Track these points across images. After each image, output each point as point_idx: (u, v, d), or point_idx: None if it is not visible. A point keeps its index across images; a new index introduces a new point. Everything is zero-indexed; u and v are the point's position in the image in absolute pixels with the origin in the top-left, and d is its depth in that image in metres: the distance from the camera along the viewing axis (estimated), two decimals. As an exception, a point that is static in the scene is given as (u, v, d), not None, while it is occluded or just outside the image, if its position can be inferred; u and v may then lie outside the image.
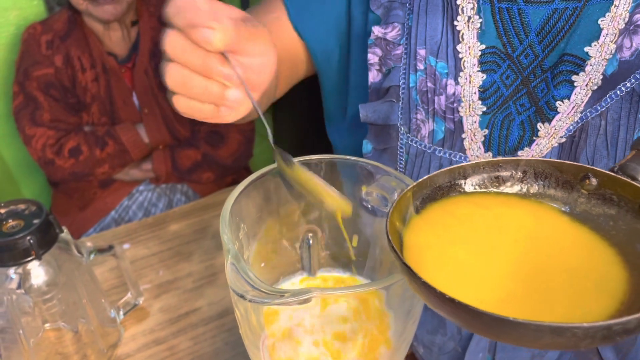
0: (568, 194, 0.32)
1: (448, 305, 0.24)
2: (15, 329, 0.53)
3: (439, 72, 0.48)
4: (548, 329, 0.22)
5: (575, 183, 0.32)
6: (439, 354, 0.57)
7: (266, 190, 0.41)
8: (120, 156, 1.12)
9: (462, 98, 0.48)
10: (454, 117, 0.48)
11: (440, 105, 0.48)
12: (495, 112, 0.48)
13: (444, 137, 0.49)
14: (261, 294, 0.28)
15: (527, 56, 0.47)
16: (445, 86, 0.48)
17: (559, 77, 0.45)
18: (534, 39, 0.46)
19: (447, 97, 0.48)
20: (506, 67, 0.47)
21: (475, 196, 0.32)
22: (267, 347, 0.36)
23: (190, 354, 0.61)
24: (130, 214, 1.19)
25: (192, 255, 0.75)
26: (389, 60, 0.50)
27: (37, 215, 0.52)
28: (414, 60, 0.49)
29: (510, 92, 0.48)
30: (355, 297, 0.37)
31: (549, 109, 0.46)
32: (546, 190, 0.33)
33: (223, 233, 0.33)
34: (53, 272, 0.54)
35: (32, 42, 1.10)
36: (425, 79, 0.48)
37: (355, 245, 0.44)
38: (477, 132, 0.48)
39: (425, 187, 0.33)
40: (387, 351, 0.36)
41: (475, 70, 0.47)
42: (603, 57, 0.44)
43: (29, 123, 1.09)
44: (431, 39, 0.48)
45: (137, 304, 0.65)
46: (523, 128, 0.47)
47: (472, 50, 0.47)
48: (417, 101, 0.49)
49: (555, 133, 0.46)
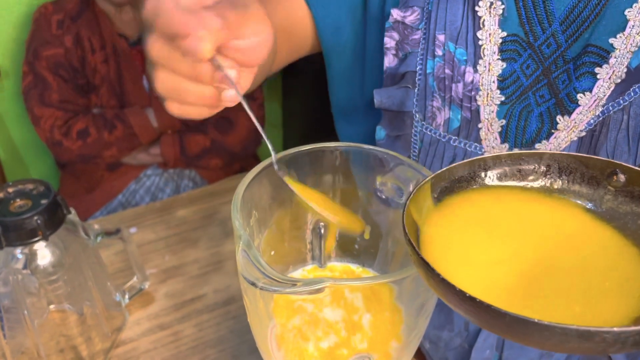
0: (594, 191, 0.31)
1: (467, 304, 0.23)
2: (20, 309, 0.52)
3: (457, 59, 0.47)
4: (575, 333, 0.21)
5: (602, 179, 0.31)
6: (445, 350, 0.57)
7: (278, 179, 0.40)
8: (128, 140, 1.11)
9: (480, 86, 0.47)
10: (471, 106, 0.47)
11: (458, 93, 0.47)
12: (514, 102, 0.47)
13: (459, 126, 0.48)
14: (273, 282, 0.27)
15: (549, 46, 0.45)
16: (463, 73, 0.47)
17: (582, 68, 0.44)
18: (557, 28, 0.45)
19: (464, 84, 0.47)
20: (527, 56, 0.46)
21: (496, 190, 0.31)
22: (275, 336, 0.35)
23: (194, 340, 0.61)
24: (137, 198, 1.18)
25: (198, 242, 0.75)
26: (406, 45, 0.49)
27: (45, 195, 0.52)
28: (432, 46, 0.47)
29: (530, 83, 0.46)
30: (367, 289, 0.36)
31: (570, 101, 0.45)
32: (570, 186, 0.32)
33: (235, 219, 0.32)
34: (59, 253, 0.53)
35: (42, 21, 1.10)
36: (443, 65, 0.47)
37: (368, 237, 0.43)
38: (494, 122, 0.47)
39: (444, 179, 0.31)
40: (398, 345, 0.35)
41: (495, 59, 0.46)
42: (628, 50, 0.42)
43: (37, 103, 1.08)
44: (451, 24, 0.47)
45: (143, 289, 0.65)
46: (542, 120, 0.46)
47: (492, 37, 0.46)
48: (433, 88, 0.48)
49: (575, 126, 0.44)
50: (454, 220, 0.30)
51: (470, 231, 0.30)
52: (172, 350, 0.60)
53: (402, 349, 0.36)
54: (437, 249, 0.29)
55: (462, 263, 0.28)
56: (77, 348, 0.57)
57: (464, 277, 0.27)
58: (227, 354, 0.59)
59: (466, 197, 0.32)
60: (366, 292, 0.36)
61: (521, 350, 0.51)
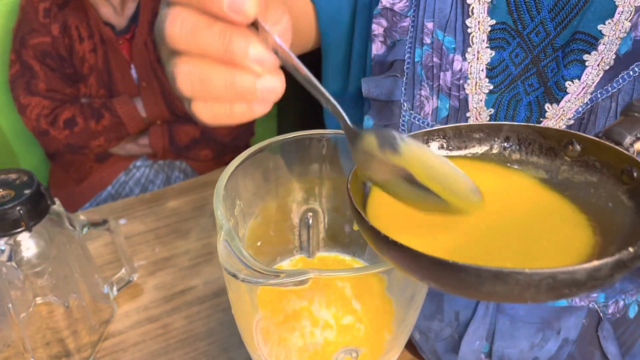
0: (551, 161, 0.31)
1: (391, 249, 0.24)
2: (5, 302, 0.51)
3: (446, 47, 0.46)
4: (488, 274, 0.21)
5: (559, 150, 0.31)
6: (435, 340, 0.56)
7: (265, 166, 0.39)
8: (116, 129, 1.10)
9: (468, 75, 0.46)
10: (460, 95, 0.47)
11: (446, 81, 0.47)
12: (503, 91, 0.46)
13: (448, 115, 0.47)
14: (255, 274, 0.26)
15: (538, 34, 0.45)
16: (451, 62, 0.46)
17: (570, 56, 0.44)
18: (546, 16, 0.45)
19: (453, 73, 0.46)
20: (516, 44, 0.46)
21: (453, 160, 0.30)
22: (260, 329, 0.34)
23: (184, 333, 0.60)
24: (127, 190, 1.17)
25: (189, 233, 0.74)
26: (395, 33, 0.48)
27: (28, 185, 0.50)
28: (420, 34, 0.47)
29: (519, 71, 0.46)
30: (354, 279, 0.35)
31: (558, 89, 0.44)
32: (529, 157, 0.32)
33: (217, 208, 0.31)
34: (44, 245, 0.52)
35: (29, 9, 1.08)
36: (432, 53, 0.47)
37: (356, 228, 0.42)
38: (482, 111, 0.46)
39: None
40: (388, 337, 0.35)
41: (484, 47, 0.46)
42: (617, 36, 0.42)
43: (23, 92, 1.07)
44: (440, 11, 0.46)
45: (131, 280, 0.64)
46: (530, 109, 0.46)
47: (481, 25, 0.46)
48: (422, 77, 0.47)
49: (563, 114, 0.44)
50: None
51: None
52: (161, 343, 0.59)
53: (392, 340, 0.35)
54: (380, 208, 0.29)
55: (398, 220, 0.28)
56: (64, 341, 0.57)
57: (395, 230, 0.26)
58: (216, 346, 0.59)
59: None
60: (355, 283, 0.36)
61: (512, 340, 0.51)
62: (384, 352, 0.35)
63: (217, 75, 0.27)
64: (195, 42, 0.26)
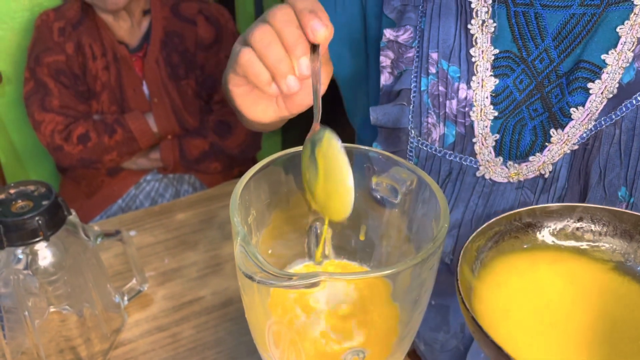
0: (628, 243, 0.32)
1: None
2: (21, 310, 0.53)
3: (450, 76, 0.48)
4: None
5: (636, 233, 0.32)
6: (440, 352, 0.57)
7: (276, 178, 0.41)
8: (128, 144, 1.12)
9: (473, 102, 0.48)
10: (465, 122, 0.48)
11: (452, 109, 0.48)
12: (508, 116, 0.48)
13: (454, 141, 0.49)
14: (269, 276, 0.28)
15: (542, 61, 0.47)
16: (457, 90, 0.48)
17: (574, 83, 0.45)
18: (550, 44, 0.46)
19: (458, 101, 0.48)
20: (520, 71, 0.47)
21: (532, 252, 0.32)
22: (272, 332, 0.36)
23: (192, 342, 0.61)
24: (137, 203, 1.19)
25: (197, 245, 0.75)
26: (401, 63, 0.50)
27: (46, 196, 0.52)
28: (425, 64, 0.49)
29: (523, 97, 0.47)
30: (362, 283, 0.37)
31: (563, 115, 0.45)
32: (603, 237, 0.33)
33: (233, 216, 0.33)
34: (60, 254, 0.54)
35: (44, 28, 1.11)
36: (437, 82, 0.48)
37: (363, 238, 0.44)
38: (488, 136, 0.48)
39: (486, 236, 0.33)
40: (394, 339, 0.36)
41: (488, 75, 0.47)
42: (620, 66, 0.43)
43: (38, 109, 1.09)
44: (444, 42, 0.48)
45: (142, 290, 0.65)
46: (535, 133, 0.47)
47: (485, 54, 0.47)
48: (428, 105, 0.49)
49: (568, 140, 0.45)
50: (501, 285, 0.32)
51: (517, 297, 0.31)
52: (170, 352, 0.60)
53: (397, 343, 0.36)
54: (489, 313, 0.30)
55: (516, 329, 0.29)
56: (77, 349, 0.58)
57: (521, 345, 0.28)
58: (224, 355, 0.60)
59: (507, 261, 0.33)
60: (361, 287, 0.37)
61: None
62: (389, 353, 0.36)
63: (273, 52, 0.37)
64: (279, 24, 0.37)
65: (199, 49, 1.16)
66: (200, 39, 1.16)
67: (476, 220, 0.49)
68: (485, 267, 0.32)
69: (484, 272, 0.32)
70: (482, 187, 0.49)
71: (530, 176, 0.47)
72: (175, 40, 1.15)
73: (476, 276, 0.32)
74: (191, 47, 1.16)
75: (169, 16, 1.15)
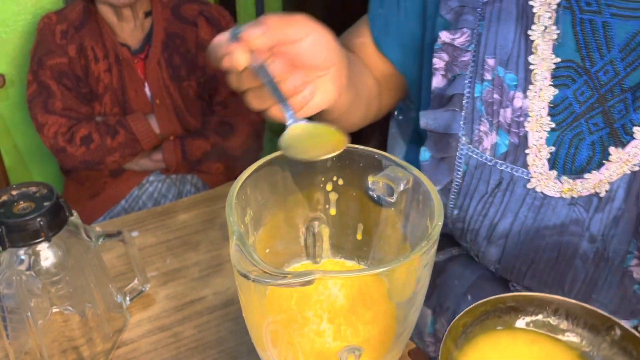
0: (594, 337, 0.36)
1: None
2: (24, 310, 0.53)
3: (507, 84, 0.46)
4: None
5: (602, 330, 0.35)
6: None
7: (273, 178, 0.41)
8: (131, 145, 1.13)
9: (529, 112, 0.46)
10: (519, 132, 0.46)
11: (506, 118, 0.46)
12: (565, 129, 0.46)
13: (507, 150, 0.47)
14: (264, 275, 0.28)
15: (606, 73, 0.44)
16: (512, 99, 0.46)
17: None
18: (616, 55, 0.44)
19: (513, 110, 0.46)
20: (582, 82, 0.45)
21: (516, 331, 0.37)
22: (269, 331, 0.36)
23: (194, 342, 0.62)
24: (140, 204, 1.20)
25: (199, 245, 0.76)
26: (455, 67, 0.48)
27: (47, 198, 0.53)
28: (481, 70, 0.47)
29: (583, 110, 0.45)
30: (357, 281, 0.37)
31: (625, 132, 0.43)
32: (574, 328, 0.37)
33: (229, 215, 0.33)
34: (62, 255, 0.54)
35: (47, 31, 1.12)
36: (492, 89, 0.46)
37: (360, 237, 0.44)
38: (542, 148, 0.46)
39: (472, 315, 0.37)
40: (390, 336, 0.36)
41: (547, 84, 0.45)
42: None
43: (41, 111, 1.10)
44: (502, 48, 0.46)
45: (144, 291, 0.66)
46: (593, 149, 0.45)
47: (545, 62, 0.45)
48: (481, 112, 0.47)
49: (628, 160, 0.43)
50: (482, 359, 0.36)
51: None
52: (172, 351, 0.61)
53: (393, 341, 0.37)
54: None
55: None
56: (79, 349, 0.58)
57: None
58: (226, 354, 0.60)
59: (489, 338, 0.37)
60: (357, 285, 0.37)
61: None
62: (386, 351, 0.37)
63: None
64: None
65: (200, 50, 1.17)
66: (201, 40, 1.16)
67: (525, 232, 0.48)
68: (469, 342, 0.36)
69: (467, 346, 0.36)
70: (533, 199, 0.47)
71: (584, 194, 0.45)
72: (176, 42, 1.15)
73: (459, 350, 0.36)
74: (192, 48, 1.17)
75: (170, 18, 1.16)
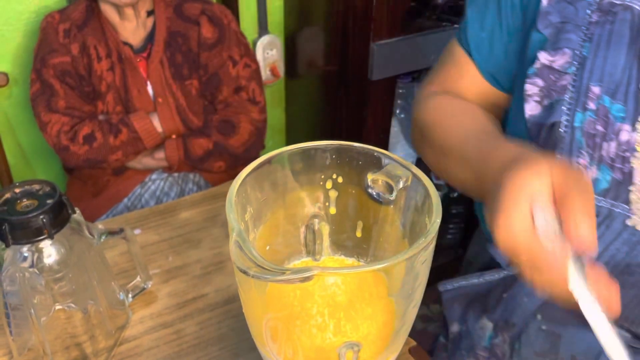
0: None
1: None
2: (27, 307, 0.54)
3: (613, 115, 0.42)
4: None
5: None
6: None
7: (273, 175, 0.41)
8: (133, 144, 1.13)
9: (637, 147, 0.42)
10: (624, 167, 0.42)
11: (609, 152, 0.42)
12: None
13: (608, 187, 0.43)
14: (263, 271, 0.28)
15: None
16: (618, 132, 0.42)
17: None
18: None
19: (618, 144, 0.42)
20: None
21: None
22: (269, 327, 0.37)
23: (196, 339, 0.62)
24: (143, 202, 1.20)
25: (201, 243, 0.76)
26: (553, 92, 0.44)
27: (50, 195, 0.53)
28: (584, 98, 0.43)
29: None
30: (356, 277, 0.37)
31: None
32: None
33: (229, 212, 0.33)
34: (64, 252, 0.55)
35: (50, 30, 1.12)
36: (595, 120, 0.42)
37: (360, 235, 0.44)
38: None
39: None
40: (389, 332, 0.37)
41: None
42: None
43: (44, 110, 1.11)
44: (610, 76, 0.42)
45: (146, 288, 0.66)
46: None
47: None
48: (581, 144, 0.43)
49: None
50: None
51: None
52: (174, 348, 0.61)
53: (392, 337, 0.37)
54: None
55: None
56: (82, 345, 0.59)
57: None
58: (227, 351, 0.61)
59: None
60: (356, 281, 0.38)
61: None
62: (385, 347, 0.37)
63: None
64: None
65: (202, 49, 1.17)
66: (204, 39, 1.17)
67: (613, 265, 0.44)
68: None
69: None
70: (631, 235, 0.43)
71: None
72: (178, 41, 1.16)
73: None
74: (194, 47, 1.17)
75: (172, 16, 1.16)
